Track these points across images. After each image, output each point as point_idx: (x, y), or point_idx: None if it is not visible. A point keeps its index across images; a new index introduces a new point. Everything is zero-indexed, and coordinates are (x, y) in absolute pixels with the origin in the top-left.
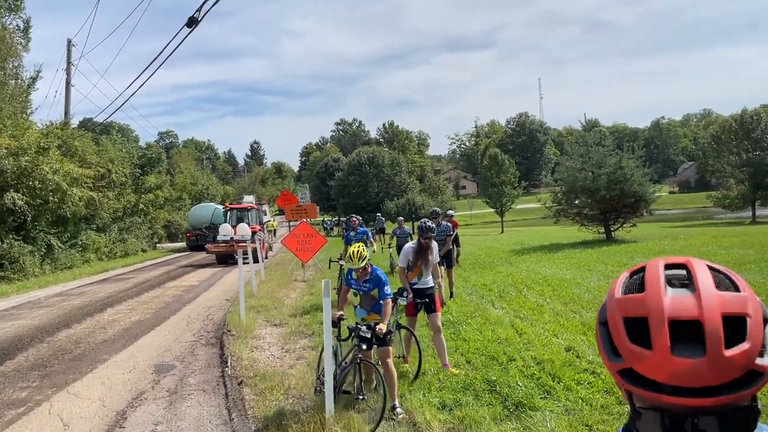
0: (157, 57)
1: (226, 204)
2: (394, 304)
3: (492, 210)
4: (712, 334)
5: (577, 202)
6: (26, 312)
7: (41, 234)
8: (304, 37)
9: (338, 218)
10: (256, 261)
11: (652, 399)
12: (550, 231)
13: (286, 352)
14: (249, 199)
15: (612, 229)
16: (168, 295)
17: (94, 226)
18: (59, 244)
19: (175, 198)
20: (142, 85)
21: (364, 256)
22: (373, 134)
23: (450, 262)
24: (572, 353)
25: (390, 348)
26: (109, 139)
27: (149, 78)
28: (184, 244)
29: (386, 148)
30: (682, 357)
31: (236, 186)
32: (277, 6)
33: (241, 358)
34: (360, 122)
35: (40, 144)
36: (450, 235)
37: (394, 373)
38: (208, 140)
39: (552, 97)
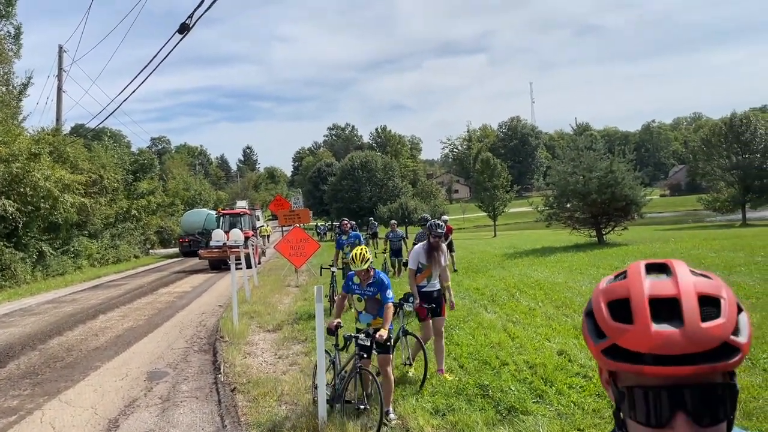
0: (149, 63)
1: (219, 209)
2: (400, 309)
3: (484, 214)
4: (689, 308)
5: (568, 205)
6: (17, 319)
7: (33, 241)
8: (296, 42)
9: (331, 223)
10: (249, 266)
11: (634, 372)
12: (542, 235)
13: (279, 358)
14: (242, 205)
15: (603, 233)
16: (161, 302)
17: (86, 232)
18: (51, 251)
19: (167, 204)
20: (134, 91)
21: (367, 258)
22: (366, 139)
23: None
24: (564, 357)
25: (391, 356)
26: (101, 145)
27: (141, 84)
28: (176, 249)
29: (379, 153)
30: (662, 329)
31: (229, 191)
32: (269, 12)
33: (234, 365)
34: (353, 127)
35: (32, 150)
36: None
37: (391, 381)
38: (201, 146)
39: (543, 101)
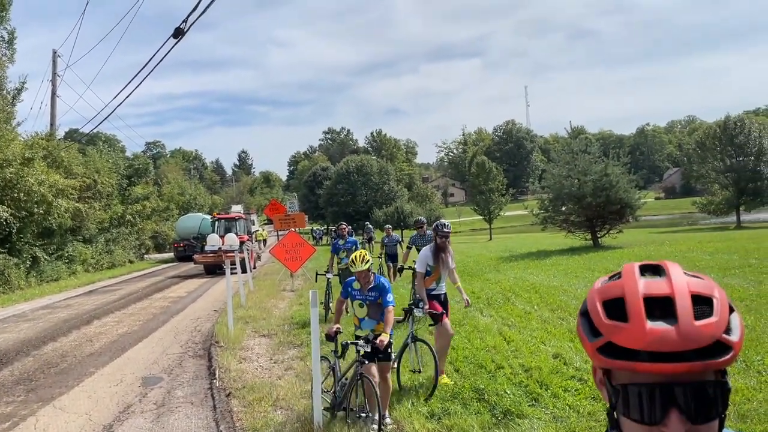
0: (143, 67)
1: (214, 214)
2: (410, 315)
3: (480, 217)
4: (683, 306)
5: (563, 209)
6: (11, 325)
7: (26, 246)
8: (291, 46)
9: (327, 227)
10: (245, 271)
11: (628, 369)
12: (537, 238)
13: (275, 363)
14: (237, 209)
15: (598, 236)
16: (155, 307)
17: (81, 237)
18: (45, 256)
19: (162, 208)
20: (128, 96)
21: (367, 259)
22: (362, 143)
23: None
24: (560, 360)
25: (391, 363)
26: (95, 149)
27: (136, 88)
28: (171, 254)
29: (374, 157)
30: (656, 326)
31: (224, 196)
32: (264, 16)
33: (230, 370)
34: (348, 131)
35: (25, 155)
36: None
37: (390, 387)
38: (196, 150)
39: (538, 104)
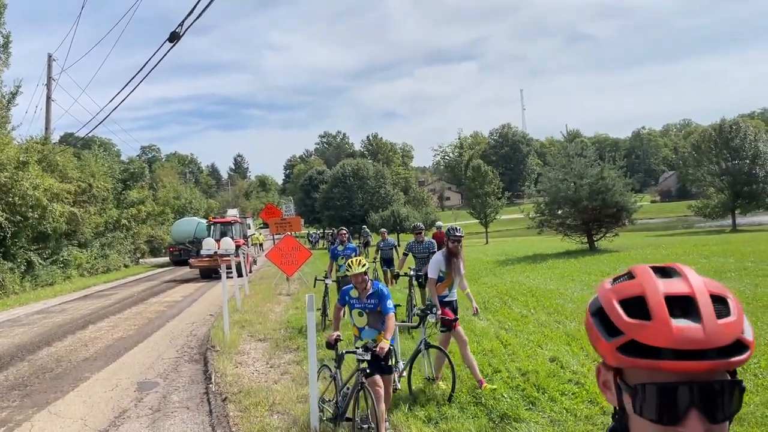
0: (139, 71)
1: (210, 218)
2: (423, 322)
3: (476, 221)
4: (705, 305)
5: (559, 212)
6: (6, 330)
7: (21, 251)
8: (287, 50)
9: (323, 231)
10: (240, 275)
11: (651, 368)
12: (534, 241)
13: (271, 367)
14: (233, 213)
15: (595, 239)
16: (151, 311)
17: (76, 241)
18: (40, 261)
19: (157, 212)
20: (124, 100)
21: (364, 263)
22: (358, 146)
23: None
24: (557, 364)
25: (391, 376)
26: (90, 153)
27: (131, 92)
28: (167, 259)
29: (370, 161)
30: (681, 324)
31: (220, 199)
32: (260, 20)
33: (226, 374)
34: (344, 134)
35: (20, 159)
36: (433, 252)
37: (390, 395)
38: (191, 154)
39: (534, 108)
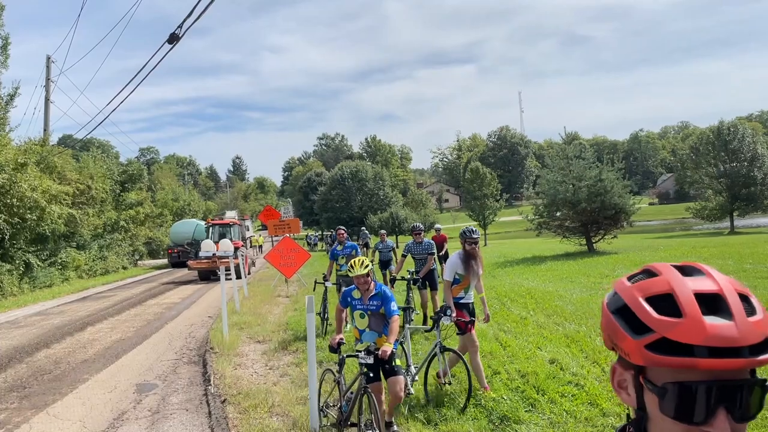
0: (138, 73)
1: (208, 220)
2: (437, 325)
3: (475, 223)
4: (735, 303)
5: (558, 214)
6: (4, 332)
7: (19, 252)
8: (285, 52)
9: (321, 233)
10: (239, 277)
11: (685, 365)
12: (532, 243)
13: (270, 369)
14: (231, 215)
15: (593, 241)
16: (149, 313)
17: (74, 243)
18: (38, 263)
19: (156, 214)
20: (122, 102)
21: (366, 263)
22: (356, 148)
23: (434, 284)
24: (556, 365)
25: (401, 377)
26: (89, 155)
27: (130, 94)
28: (165, 260)
29: (369, 163)
30: (715, 321)
31: (218, 201)
32: (259, 22)
33: (224, 376)
34: (342, 136)
35: (18, 161)
36: (431, 254)
37: (400, 398)
38: (190, 156)
39: (532, 110)
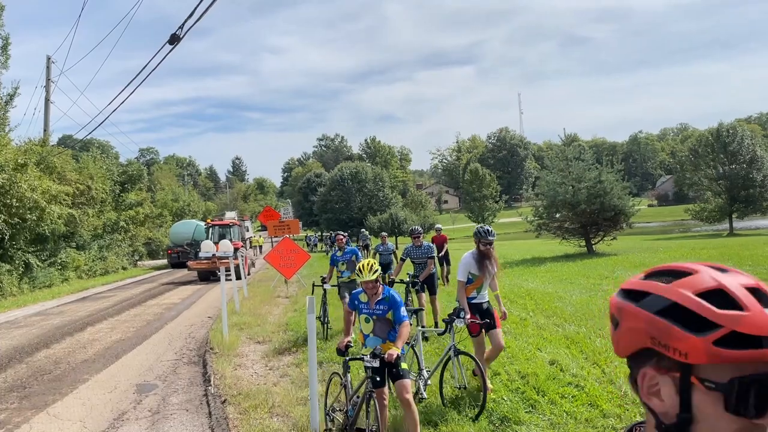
0: (138, 74)
1: (208, 220)
2: (450, 326)
3: (474, 224)
4: None
5: (557, 215)
6: (4, 332)
7: (19, 252)
8: (285, 53)
9: (321, 234)
10: (239, 277)
11: (755, 358)
12: (532, 245)
13: (270, 369)
14: (231, 216)
15: (593, 243)
16: (149, 313)
17: (74, 243)
18: (38, 263)
19: (155, 215)
20: (122, 102)
21: (375, 268)
22: (356, 149)
23: (433, 289)
24: (556, 367)
25: (408, 381)
26: (89, 155)
27: (130, 95)
28: (165, 261)
29: (369, 164)
30: None
31: (218, 202)
32: (259, 23)
33: (225, 377)
34: (342, 137)
35: (18, 161)
36: (431, 257)
37: (415, 412)
38: (190, 156)
39: (532, 112)
